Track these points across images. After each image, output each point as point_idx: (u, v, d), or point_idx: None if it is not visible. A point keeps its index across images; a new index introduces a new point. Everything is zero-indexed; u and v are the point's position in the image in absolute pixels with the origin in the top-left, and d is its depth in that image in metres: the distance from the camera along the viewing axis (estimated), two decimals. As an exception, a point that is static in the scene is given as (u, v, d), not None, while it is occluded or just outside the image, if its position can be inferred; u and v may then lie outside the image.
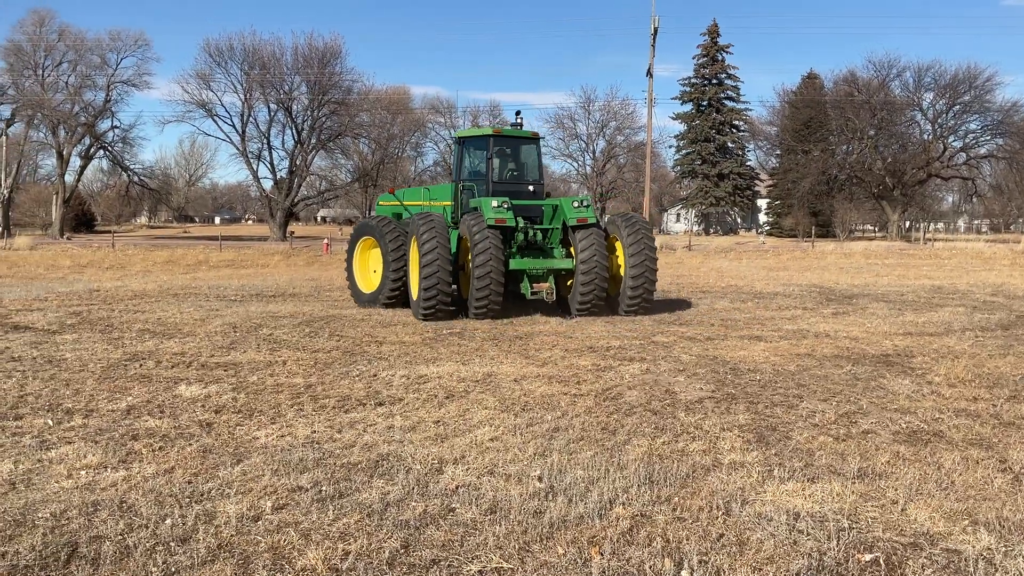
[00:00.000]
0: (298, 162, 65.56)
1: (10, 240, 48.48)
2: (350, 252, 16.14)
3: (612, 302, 14.34)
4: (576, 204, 13.93)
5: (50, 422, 6.68)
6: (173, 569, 4.00)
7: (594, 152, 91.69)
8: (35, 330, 11.88)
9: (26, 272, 25.10)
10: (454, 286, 14.34)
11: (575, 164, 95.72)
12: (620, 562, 4.14)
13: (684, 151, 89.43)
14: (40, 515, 4.65)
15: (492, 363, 9.56)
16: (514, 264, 13.82)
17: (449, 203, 15.38)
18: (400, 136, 78.85)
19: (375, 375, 8.82)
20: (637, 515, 4.76)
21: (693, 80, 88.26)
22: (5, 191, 67.66)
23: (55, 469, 5.48)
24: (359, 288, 15.79)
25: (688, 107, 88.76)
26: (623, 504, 4.91)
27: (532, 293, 13.93)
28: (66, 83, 68.51)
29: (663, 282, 22.43)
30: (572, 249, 13.97)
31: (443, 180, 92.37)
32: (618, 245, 14.40)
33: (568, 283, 14.30)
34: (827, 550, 4.32)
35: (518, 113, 16.60)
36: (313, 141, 65.88)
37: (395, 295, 14.72)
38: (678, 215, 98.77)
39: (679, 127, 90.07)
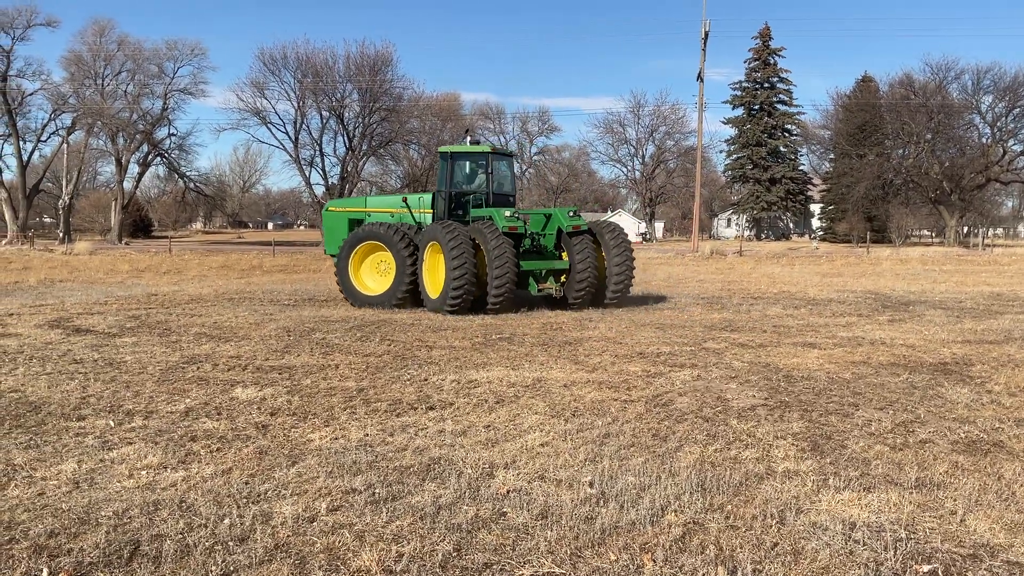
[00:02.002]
0: (349, 168, 66.36)
1: (71, 245, 49.86)
2: (344, 258, 16.68)
3: (599, 294, 16.28)
4: (571, 214, 16.27)
5: (112, 423, 6.86)
6: (232, 568, 4.09)
7: (643, 157, 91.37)
8: (96, 333, 12.20)
9: (86, 276, 25.78)
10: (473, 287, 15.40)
11: (624, 169, 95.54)
12: (673, 569, 4.12)
13: (735, 155, 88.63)
14: (103, 513, 4.78)
15: (542, 368, 9.57)
16: (524, 266, 15.78)
17: (422, 211, 16.96)
18: (450, 142, 79.30)
19: (426, 379, 8.90)
20: (689, 522, 4.73)
21: (744, 84, 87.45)
22: (66, 198, 69.60)
23: (117, 469, 5.63)
24: (359, 291, 16.56)
25: (739, 111, 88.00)
26: (675, 511, 4.88)
27: (539, 290, 16.11)
28: (125, 92, 70.24)
29: (714, 287, 22.24)
30: (565, 252, 16.22)
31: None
32: (599, 248, 16.50)
33: (561, 279, 16.30)
34: (884, 561, 4.25)
35: (467, 131, 18.61)
36: (364, 147, 66.63)
37: (406, 296, 15.97)
38: (728, 220, 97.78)
39: (730, 131, 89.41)
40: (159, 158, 72.59)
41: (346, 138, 66.38)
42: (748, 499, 5.12)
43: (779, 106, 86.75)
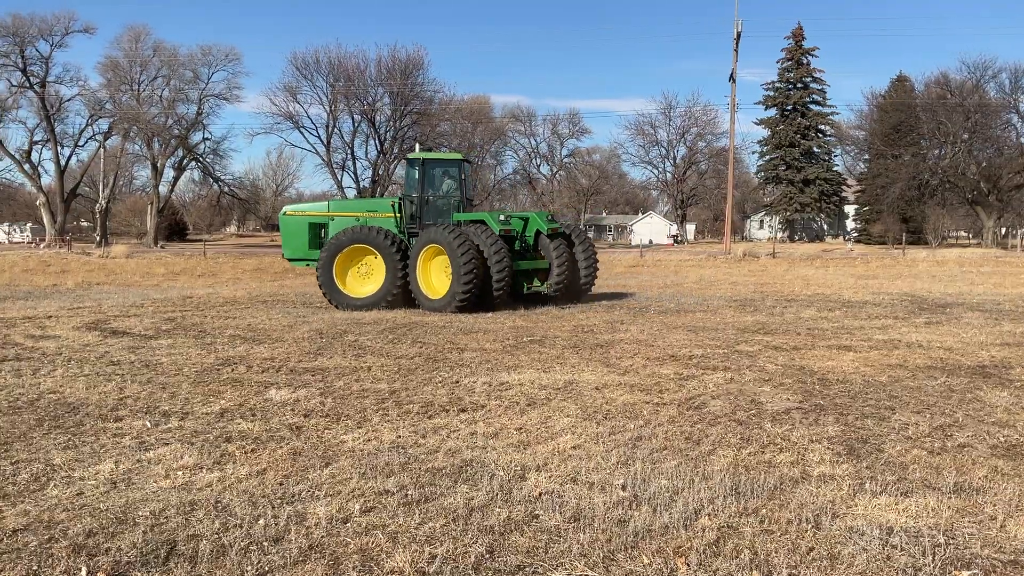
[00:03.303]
0: (380, 171, 66.85)
1: (108, 249, 50.63)
2: (328, 262, 16.81)
3: (572, 287, 17.93)
4: (548, 218, 17.96)
5: (148, 424, 6.95)
6: (267, 568, 4.12)
7: (675, 159, 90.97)
8: (132, 335, 12.37)
9: (123, 279, 26.16)
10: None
11: (655, 171, 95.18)
12: (707, 573, 4.09)
13: (768, 156, 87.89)
14: (140, 513, 4.84)
15: (573, 371, 9.56)
16: (525, 265, 17.20)
17: (389, 215, 17.52)
18: (480, 145, 79.57)
19: (457, 382, 8.92)
20: (723, 526, 4.70)
21: (777, 84, 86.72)
22: (103, 202, 70.76)
23: (153, 469, 5.70)
24: (345, 294, 16.82)
25: (772, 112, 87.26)
26: (709, 515, 4.85)
27: (528, 289, 17.33)
28: (160, 97, 71.37)
29: (747, 289, 22.07)
30: (542, 252, 17.65)
31: (521, 189, 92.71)
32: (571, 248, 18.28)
33: (546, 279, 17.69)
34: (922, 567, 4.19)
35: (416, 141, 19.85)
36: (395, 151, 67.09)
37: (395, 297, 16.55)
38: (761, 222, 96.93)
39: (762, 132, 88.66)
40: (194, 162, 73.65)
41: (377, 141, 66.94)
42: (783, 503, 5.07)
43: (812, 106, 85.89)
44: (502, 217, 16.98)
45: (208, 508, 4.92)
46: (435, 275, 16.34)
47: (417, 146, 19.37)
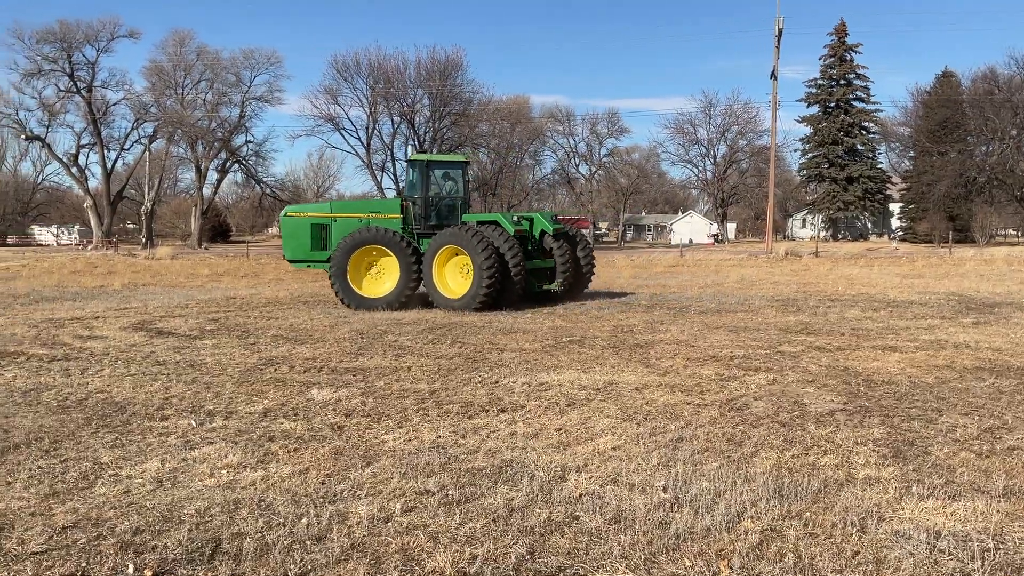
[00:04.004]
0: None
1: (153, 250, 51.54)
2: (341, 262, 16.88)
3: (574, 284, 18.50)
4: (553, 218, 18.42)
5: (193, 423, 7.06)
6: (310, 567, 4.16)
7: (715, 157, 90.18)
8: (177, 335, 12.57)
9: (168, 280, 26.59)
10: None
11: (695, 170, 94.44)
12: (750, 577, 4.05)
13: (810, 154, 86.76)
14: (186, 511, 4.92)
15: (613, 371, 9.52)
16: (532, 265, 17.57)
17: (392, 216, 17.68)
18: (519, 145, 79.56)
19: (497, 382, 8.93)
20: (767, 529, 4.64)
21: (820, 81, 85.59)
22: (148, 204, 72.05)
23: (198, 468, 5.79)
24: (359, 294, 16.94)
25: (814, 109, 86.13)
26: (752, 518, 4.80)
27: (538, 287, 17.82)
28: (204, 100, 72.50)
29: (790, 289, 21.80)
30: (549, 250, 18.05)
31: (559, 189, 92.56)
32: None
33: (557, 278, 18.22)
34: (971, 572, 4.11)
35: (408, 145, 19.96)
36: (434, 151, 67.33)
37: (408, 297, 16.87)
38: (804, 220, 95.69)
39: (804, 130, 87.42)
40: (237, 165, 74.63)
41: (417, 142, 67.17)
42: (827, 506, 5.00)
43: (856, 103, 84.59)
44: (515, 218, 17.54)
45: (252, 507, 4.98)
46: (451, 275, 16.74)
47: (409, 150, 19.79)
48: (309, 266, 18.54)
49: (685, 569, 4.13)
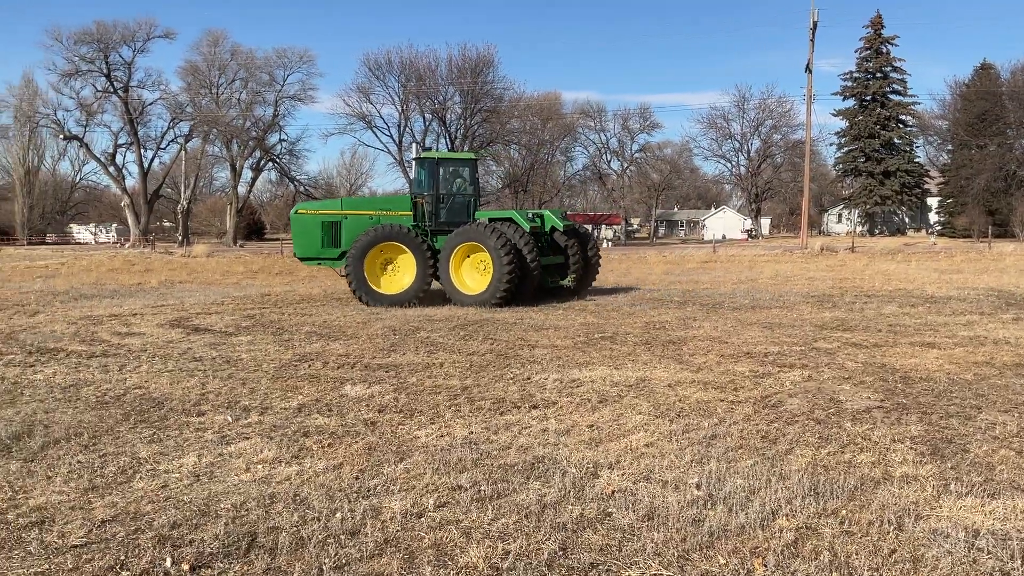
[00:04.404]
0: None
1: (189, 248, 52.20)
2: (358, 259, 16.99)
3: (581, 280, 18.80)
4: (562, 216, 18.73)
5: (229, 418, 7.14)
6: (344, 561, 4.19)
7: (748, 152, 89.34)
8: (214, 332, 12.72)
9: (204, 278, 26.91)
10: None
11: (728, 165, 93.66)
12: (785, 574, 4.01)
13: (846, 148, 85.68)
14: (222, 506, 4.97)
15: (645, 368, 9.48)
16: (544, 260, 17.78)
17: (403, 213, 17.95)
18: (550, 142, 79.41)
19: (528, 378, 8.93)
20: (802, 527, 4.60)
21: (855, 74, 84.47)
22: (184, 202, 72.98)
23: (235, 463, 5.85)
24: (376, 291, 17.11)
25: (850, 103, 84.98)
26: (787, 515, 4.75)
27: (551, 282, 18.18)
28: (238, 100, 73.32)
29: (825, 285, 21.55)
30: (563, 246, 18.48)
31: (591, 185, 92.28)
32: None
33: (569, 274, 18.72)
34: (1010, 571, 4.04)
35: (412, 143, 20.41)
36: (465, 148, 67.46)
37: (424, 293, 17.19)
38: (839, 215, 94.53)
39: (840, 124, 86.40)
40: (271, 163, 75.41)
41: (448, 140, 67.41)
42: (864, 504, 4.94)
43: (893, 96, 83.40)
44: (531, 215, 17.90)
45: (287, 501, 5.03)
46: (468, 271, 17.07)
47: (416, 148, 20.07)
48: (320, 263, 18.64)
49: (719, 567, 4.10)
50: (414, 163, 18.83)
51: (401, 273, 17.34)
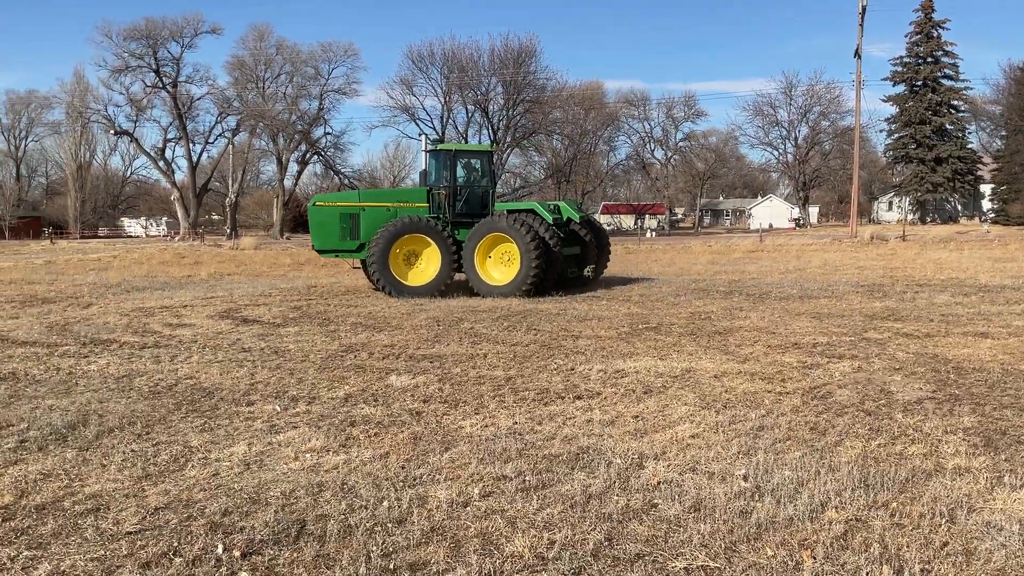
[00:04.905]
0: (494, 160, 67.31)
1: (237, 241, 52.97)
2: (383, 251, 16.99)
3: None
4: (577, 208, 19.29)
5: (278, 408, 7.24)
6: (391, 549, 4.24)
7: (796, 139, 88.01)
8: (262, 323, 12.91)
9: (252, 270, 27.29)
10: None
11: (775, 153, 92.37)
12: (834, 567, 3.96)
13: (896, 135, 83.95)
14: (272, 494, 5.05)
15: (690, 358, 9.41)
16: (566, 251, 18.02)
17: (420, 204, 17.99)
18: (593, 131, 78.95)
19: (572, 369, 8.92)
20: (851, 519, 4.53)
21: (906, 59, 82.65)
22: (232, 196, 74.04)
23: (283, 452, 5.94)
24: (401, 282, 17.17)
25: (900, 88, 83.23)
26: (836, 507, 4.69)
27: (570, 272, 18.41)
28: (284, 94, 73.99)
29: (875, 274, 21.18)
30: (584, 236, 18.89)
31: (634, 175, 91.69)
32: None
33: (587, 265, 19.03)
34: (1071, 567, 3.94)
35: (421, 134, 20.41)
36: (508, 140, 67.46)
37: (447, 284, 17.26)
38: (890, 203, 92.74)
39: (890, 109, 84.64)
40: (316, 156, 76.09)
41: (490, 131, 67.41)
42: (915, 496, 4.86)
43: (944, 81, 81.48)
44: (552, 206, 18.26)
45: (335, 489, 5.09)
46: (493, 263, 17.23)
47: (424, 139, 20.10)
48: (337, 255, 18.76)
49: (767, 559, 4.07)
50: (427, 155, 18.88)
51: (426, 264, 17.44)
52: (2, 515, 4.72)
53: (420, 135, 58.01)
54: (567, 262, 18.29)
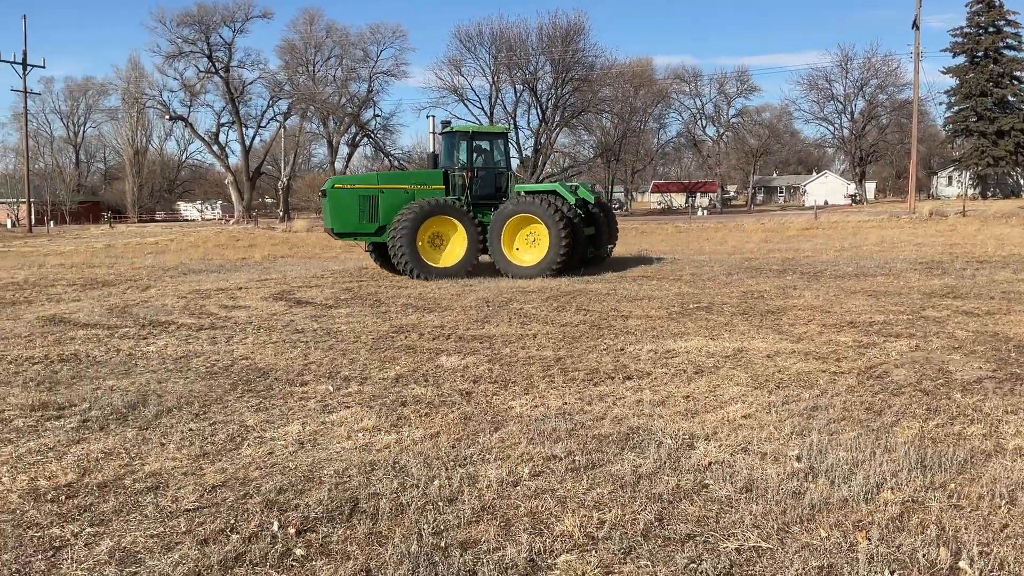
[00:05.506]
0: (543, 140, 67.07)
1: (290, 223, 53.76)
2: (409, 232, 16.89)
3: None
4: (591, 188, 19.72)
5: (331, 388, 7.34)
6: (442, 527, 4.28)
7: (852, 113, 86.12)
8: (314, 304, 13.08)
9: (304, 252, 27.65)
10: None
11: (830, 128, 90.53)
12: (890, 548, 3.90)
13: (956, 108, 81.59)
14: (325, 472, 5.13)
15: (743, 338, 9.30)
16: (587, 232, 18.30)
17: (438, 187, 17.99)
18: (643, 109, 78.11)
19: (622, 349, 8.88)
20: (908, 500, 4.45)
21: (966, 30, 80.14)
22: (284, 179, 74.98)
23: (336, 431, 6.03)
24: (428, 264, 17.20)
25: (960, 59, 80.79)
26: (892, 489, 4.61)
27: (590, 253, 18.68)
28: (334, 77, 74.60)
29: (934, 251, 20.68)
30: (602, 216, 19.27)
31: (685, 152, 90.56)
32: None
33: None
34: None
35: (430, 117, 20.16)
36: (557, 119, 67.09)
37: (475, 264, 17.57)
38: (950, 178, 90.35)
39: (950, 82, 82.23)
40: (366, 138, 76.58)
41: (539, 110, 67.12)
42: (974, 478, 4.75)
43: (1007, 52, 78.85)
44: (573, 187, 18.49)
45: (387, 468, 5.15)
46: (520, 244, 17.37)
47: (431, 120, 20.20)
48: (356, 238, 18.66)
49: (820, 540, 4.02)
50: (443, 136, 18.81)
51: (452, 246, 17.48)
52: (65, 492, 4.87)
53: (428, 116, 57.47)
54: (590, 243, 18.69)
